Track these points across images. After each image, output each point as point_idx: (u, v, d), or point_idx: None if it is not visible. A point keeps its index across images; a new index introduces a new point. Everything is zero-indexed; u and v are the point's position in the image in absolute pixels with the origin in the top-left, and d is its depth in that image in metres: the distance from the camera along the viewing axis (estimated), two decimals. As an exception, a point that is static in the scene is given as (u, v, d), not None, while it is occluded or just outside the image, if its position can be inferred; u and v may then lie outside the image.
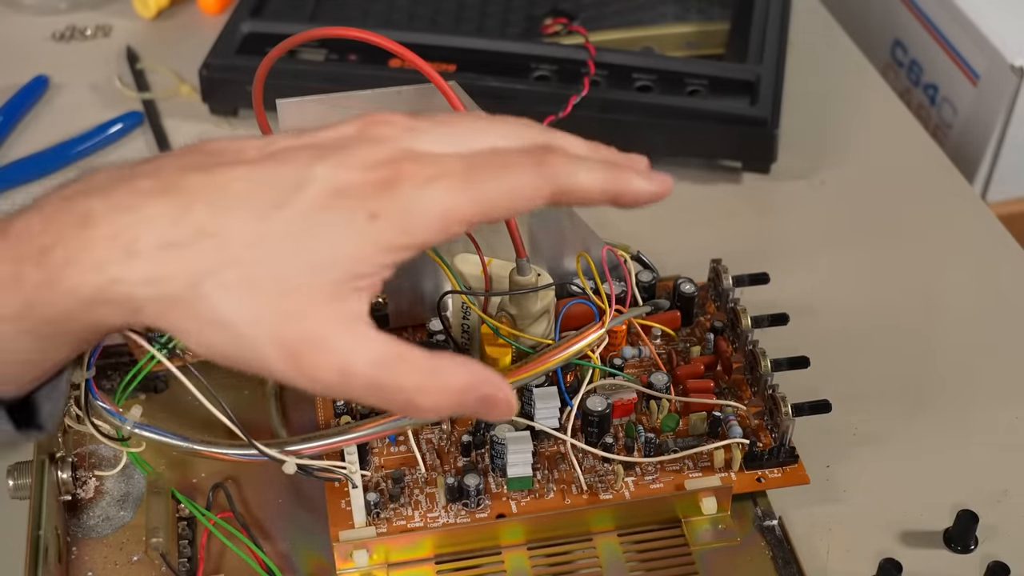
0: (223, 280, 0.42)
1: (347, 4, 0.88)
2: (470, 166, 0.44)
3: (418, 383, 0.44)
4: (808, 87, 0.87)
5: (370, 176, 0.43)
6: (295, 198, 0.43)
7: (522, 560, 0.56)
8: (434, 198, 0.43)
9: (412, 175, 0.44)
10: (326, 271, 0.43)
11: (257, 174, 0.44)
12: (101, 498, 0.58)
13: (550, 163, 0.45)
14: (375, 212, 0.43)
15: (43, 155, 0.81)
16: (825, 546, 0.58)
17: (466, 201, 0.44)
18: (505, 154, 0.46)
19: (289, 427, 0.62)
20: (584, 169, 0.46)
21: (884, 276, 0.73)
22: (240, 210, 0.43)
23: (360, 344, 0.44)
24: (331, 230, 0.43)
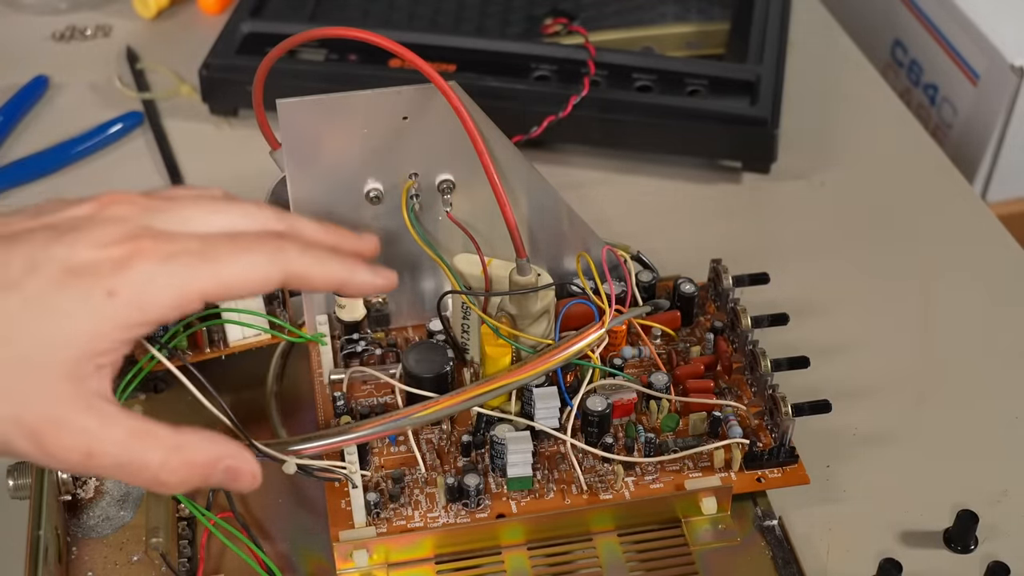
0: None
1: (347, 4, 0.88)
2: (206, 245, 0.45)
3: (162, 459, 0.45)
4: (808, 87, 0.87)
5: (106, 254, 0.44)
6: (30, 278, 0.43)
7: (522, 560, 0.56)
8: (170, 275, 0.44)
9: (149, 253, 0.44)
10: (64, 349, 0.43)
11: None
12: (101, 498, 0.58)
13: (284, 249, 0.47)
14: (112, 290, 0.43)
15: (43, 155, 0.81)
16: (825, 546, 0.58)
17: (201, 279, 0.45)
18: (241, 237, 0.46)
19: (289, 427, 0.62)
20: (314, 260, 0.47)
21: (884, 276, 0.73)
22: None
23: (103, 424, 0.44)
24: (68, 308, 0.43)
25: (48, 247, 0.44)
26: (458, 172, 0.60)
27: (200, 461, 0.46)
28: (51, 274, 0.43)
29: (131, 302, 0.44)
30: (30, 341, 0.43)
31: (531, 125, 0.77)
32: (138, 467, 0.45)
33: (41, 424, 0.43)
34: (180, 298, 0.44)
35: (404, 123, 0.58)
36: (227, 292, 0.45)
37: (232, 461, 0.47)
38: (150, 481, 0.45)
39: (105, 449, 0.44)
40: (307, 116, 0.56)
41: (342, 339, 0.63)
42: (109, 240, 0.44)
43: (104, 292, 0.43)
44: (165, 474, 0.45)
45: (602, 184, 0.80)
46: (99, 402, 0.44)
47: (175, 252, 0.44)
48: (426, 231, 0.61)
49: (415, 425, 0.58)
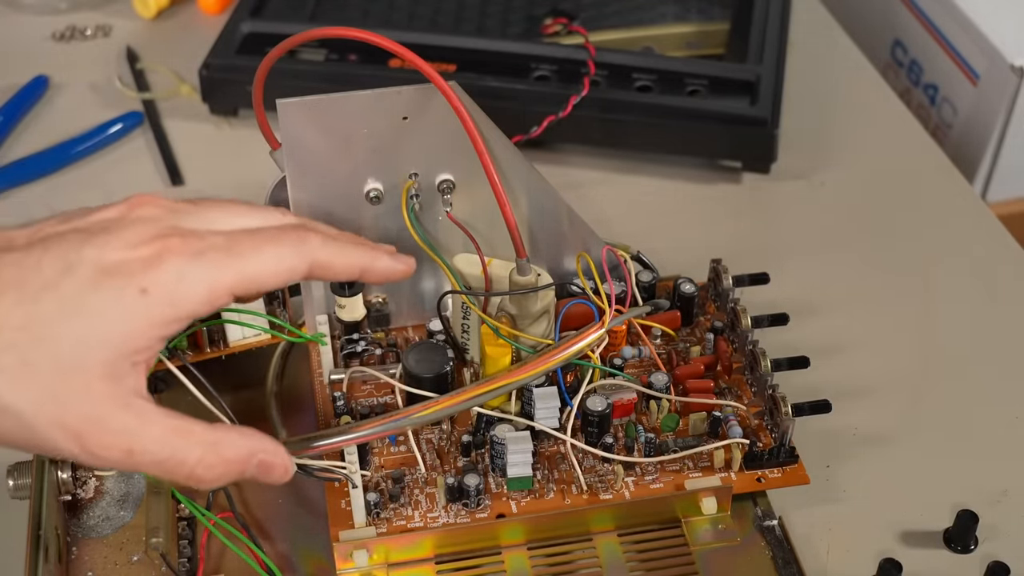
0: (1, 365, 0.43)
1: (347, 4, 0.88)
2: (232, 241, 0.47)
3: (200, 456, 0.46)
4: (808, 87, 0.87)
5: (137, 254, 0.45)
6: (64, 279, 0.44)
7: (522, 560, 0.56)
8: (200, 271, 0.46)
9: (178, 250, 0.45)
10: (101, 348, 0.44)
11: (26, 260, 0.45)
12: (101, 498, 0.58)
13: (306, 240, 0.49)
14: (144, 288, 0.45)
15: (43, 155, 0.81)
16: (825, 546, 0.58)
17: (230, 274, 0.46)
18: (264, 231, 0.48)
19: (289, 427, 0.62)
20: (337, 248, 0.50)
21: (884, 276, 0.73)
22: (9, 296, 0.44)
23: (142, 422, 0.45)
24: (103, 308, 0.44)
25: (80, 249, 0.45)
26: (458, 172, 0.60)
27: (236, 457, 0.47)
28: (85, 275, 0.44)
29: (163, 299, 0.45)
30: (68, 342, 0.44)
31: (531, 125, 0.77)
32: (177, 463, 0.46)
33: (83, 424, 0.44)
34: (210, 293, 0.46)
35: (404, 123, 0.58)
36: (255, 285, 0.47)
37: (265, 456, 0.48)
38: (187, 477, 0.46)
39: (145, 447, 0.45)
40: (307, 116, 0.56)
41: (342, 339, 0.63)
42: (139, 240, 0.45)
43: (137, 290, 0.44)
44: (202, 469, 0.46)
45: (602, 184, 0.80)
46: (137, 400, 0.45)
47: (203, 249, 0.46)
48: (426, 231, 0.61)
49: (415, 425, 0.58)
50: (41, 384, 0.44)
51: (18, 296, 0.44)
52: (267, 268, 0.47)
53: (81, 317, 0.44)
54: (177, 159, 0.81)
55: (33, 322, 0.43)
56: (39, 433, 0.44)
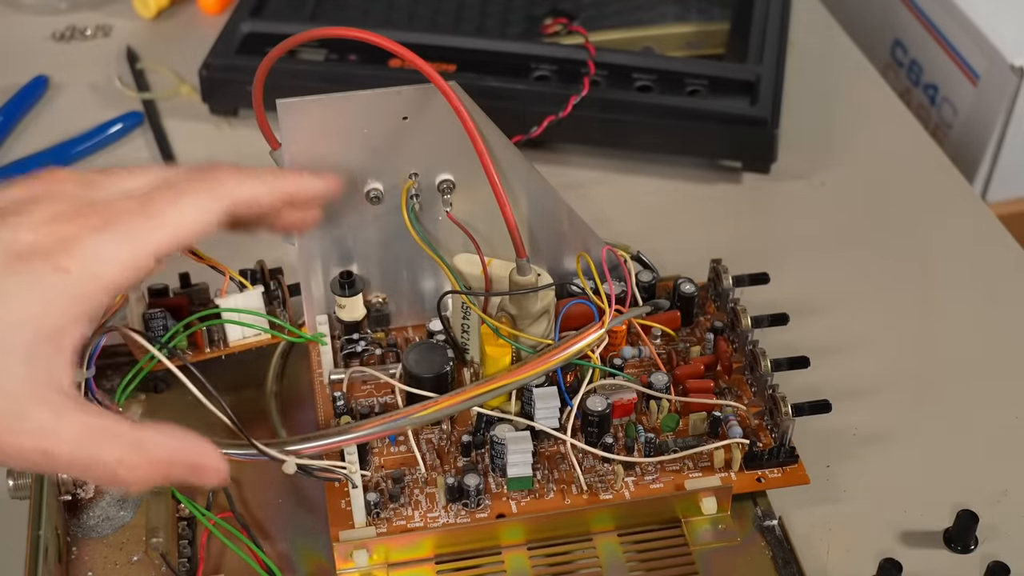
0: None
1: (347, 4, 0.88)
2: (144, 202, 0.45)
3: (119, 456, 0.44)
4: (808, 87, 0.87)
5: (51, 231, 0.44)
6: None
7: (522, 560, 0.56)
8: (118, 240, 0.44)
9: (92, 224, 0.44)
10: (18, 333, 0.42)
11: None
12: (101, 498, 0.58)
13: (221, 181, 0.47)
14: (61, 266, 0.43)
15: (43, 155, 0.81)
16: (825, 546, 0.58)
17: (149, 236, 0.45)
18: (175, 184, 0.47)
19: (289, 427, 0.62)
20: (256, 180, 0.48)
21: (884, 276, 0.73)
22: None
23: (58, 420, 0.43)
24: (18, 292, 0.43)
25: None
26: (458, 172, 0.60)
27: (160, 458, 0.45)
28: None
29: (83, 274, 0.43)
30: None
31: (531, 125, 0.77)
32: (94, 465, 0.44)
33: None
34: (132, 259, 0.44)
35: (404, 123, 0.58)
36: (177, 241, 0.46)
37: (196, 457, 0.46)
38: (108, 478, 0.44)
39: (62, 449, 0.43)
40: (307, 116, 0.56)
41: (342, 339, 0.63)
42: (51, 217, 0.44)
43: (52, 269, 0.43)
44: (123, 471, 0.44)
45: (602, 184, 0.80)
46: (55, 396, 0.43)
47: (116, 217, 0.44)
48: (426, 231, 0.61)
49: (415, 425, 0.58)
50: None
51: None
52: (186, 221, 0.46)
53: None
54: (177, 159, 0.81)
55: None
56: None
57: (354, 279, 0.62)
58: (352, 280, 0.61)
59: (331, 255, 0.62)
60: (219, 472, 0.47)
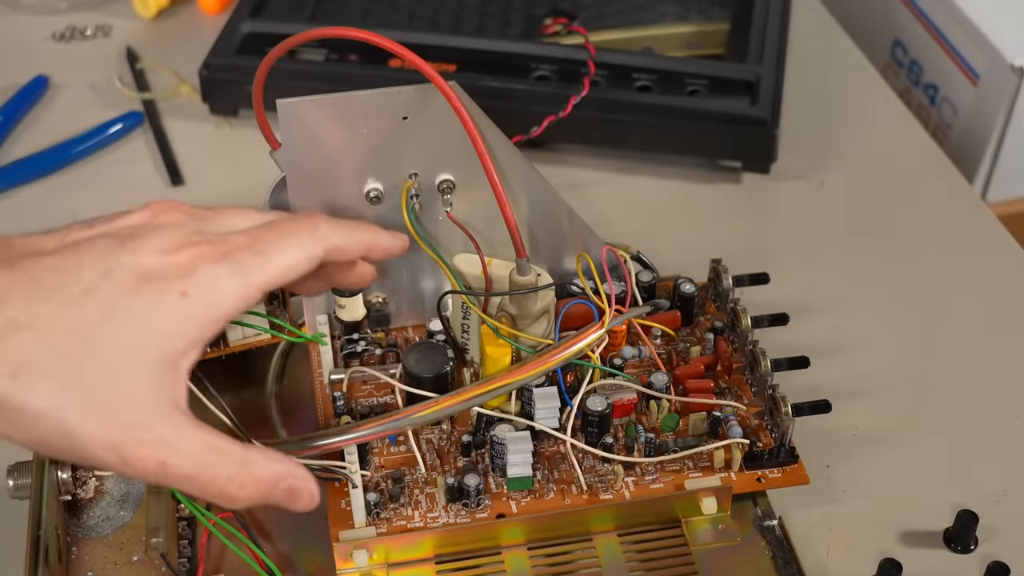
0: (43, 370, 0.43)
1: (347, 4, 0.88)
2: (254, 239, 0.48)
3: (231, 475, 0.47)
4: (808, 87, 0.87)
5: (172, 259, 0.46)
6: (105, 285, 0.44)
7: (522, 560, 0.56)
8: (233, 272, 0.47)
9: (209, 254, 0.47)
10: (144, 354, 0.45)
11: (63, 264, 0.45)
12: (101, 498, 0.58)
13: (317, 226, 0.51)
14: (184, 291, 0.45)
15: (43, 155, 0.81)
16: (825, 546, 0.58)
17: (258, 271, 0.48)
18: (279, 223, 0.50)
19: (289, 427, 0.62)
20: (345, 230, 0.52)
21: (884, 276, 0.73)
22: (52, 300, 0.44)
23: (179, 435, 0.45)
24: (145, 313, 0.45)
25: (115, 254, 0.45)
26: (458, 172, 0.60)
27: (266, 479, 0.48)
28: (124, 280, 0.45)
29: (203, 301, 0.46)
30: (114, 348, 0.44)
31: (531, 125, 0.77)
32: (208, 480, 0.46)
33: (122, 434, 0.44)
34: (244, 291, 0.47)
35: (404, 123, 0.58)
36: (282, 278, 0.49)
37: (294, 481, 0.49)
38: (217, 494, 0.47)
39: (179, 461, 0.45)
40: (307, 116, 0.56)
41: (342, 339, 0.63)
42: (171, 245, 0.46)
43: (177, 294, 0.45)
44: (232, 488, 0.47)
45: (602, 184, 0.80)
46: (175, 412, 0.45)
47: (231, 250, 0.47)
48: (426, 231, 0.61)
49: (415, 425, 0.58)
50: (87, 391, 0.43)
51: (60, 303, 0.44)
52: (290, 260, 0.49)
53: (124, 323, 0.44)
54: (177, 159, 0.81)
55: (78, 327, 0.43)
56: (80, 441, 0.44)
57: (354, 279, 0.62)
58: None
59: (331, 255, 0.62)
60: (312, 498, 0.50)
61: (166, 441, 0.45)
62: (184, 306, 0.45)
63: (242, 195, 0.66)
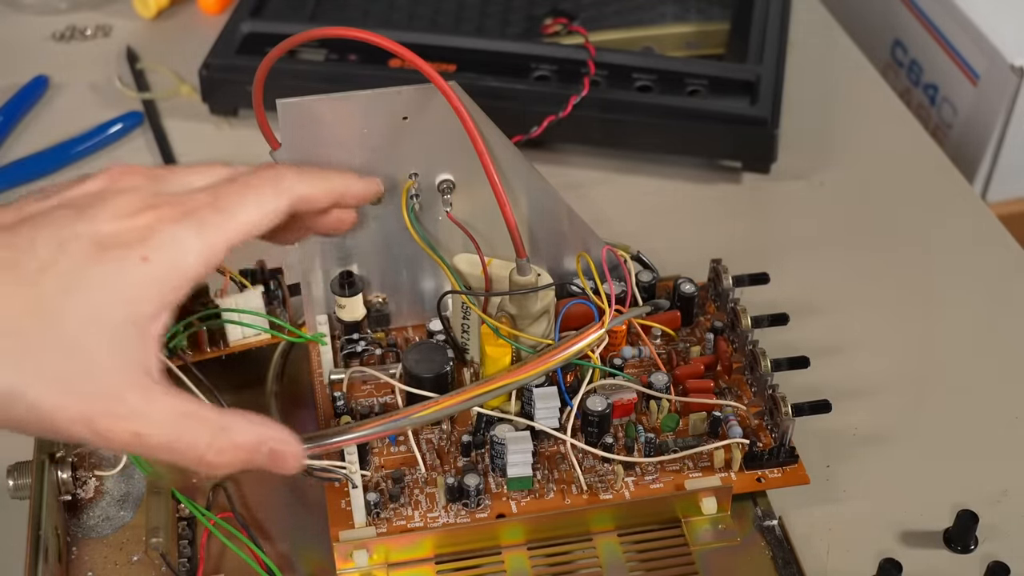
0: (4, 350, 0.42)
1: (347, 4, 0.88)
2: (215, 196, 0.47)
3: (209, 440, 0.46)
4: (808, 87, 0.87)
5: (131, 223, 0.45)
6: (61, 257, 0.44)
7: (522, 560, 0.56)
8: (195, 232, 0.46)
9: (170, 216, 0.46)
10: (107, 323, 0.44)
11: (17, 240, 0.44)
12: (101, 498, 0.58)
13: (282, 177, 0.50)
14: (145, 255, 0.45)
15: (43, 155, 0.81)
16: (825, 546, 0.58)
17: (222, 228, 0.47)
18: (242, 178, 0.49)
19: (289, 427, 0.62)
20: (313, 178, 0.51)
21: (884, 276, 0.73)
22: (6, 279, 0.43)
23: (149, 403, 0.45)
24: (105, 281, 0.44)
25: (72, 224, 0.45)
26: (458, 172, 0.60)
27: (246, 442, 0.47)
28: (81, 250, 0.44)
29: (165, 264, 0.45)
30: (73, 321, 0.43)
31: (531, 125, 0.77)
32: (186, 446, 0.45)
33: (91, 405, 0.44)
34: (208, 249, 0.46)
35: (404, 123, 0.58)
36: (247, 233, 0.48)
37: (276, 444, 0.48)
38: (196, 461, 0.46)
39: (153, 430, 0.45)
40: (307, 116, 0.56)
41: (342, 339, 0.63)
42: (129, 210, 0.45)
43: (138, 258, 0.44)
44: (212, 455, 0.46)
45: (602, 184, 0.80)
46: (145, 380, 0.45)
47: (191, 209, 0.46)
48: (426, 231, 0.61)
49: (415, 425, 0.58)
50: (49, 368, 0.43)
51: (15, 279, 0.43)
52: (254, 214, 0.48)
53: (84, 293, 0.43)
54: (177, 159, 0.81)
55: (36, 304, 0.43)
56: (50, 418, 0.43)
57: (354, 279, 0.62)
58: (352, 280, 0.61)
59: (331, 255, 0.62)
60: (297, 459, 0.49)
61: (137, 410, 0.44)
62: (146, 270, 0.44)
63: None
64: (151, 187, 0.47)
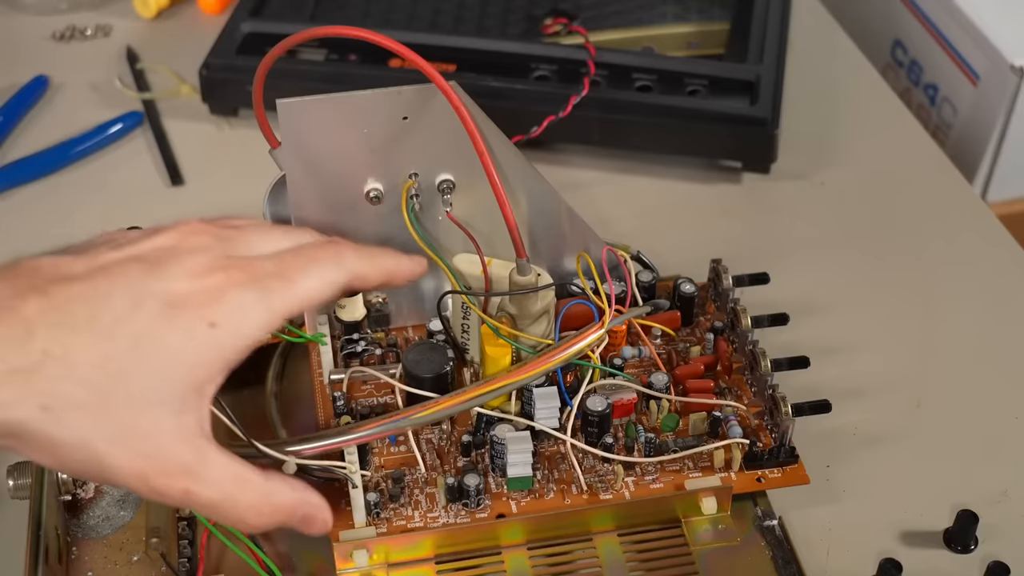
0: (74, 402, 0.43)
1: (347, 4, 0.88)
2: (281, 266, 0.49)
3: (251, 504, 0.48)
4: (808, 87, 0.86)
5: (201, 285, 0.46)
6: (135, 314, 0.45)
7: (522, 560, 0.56)
8: (260, 300, 0.47)
9: (238, 281, 0.47)
10: (172, 384, 0.45)
11: (93, 293, 0.45)
12: (101, 498, 0.58)
13: (343, 254, 0.51)
14: (213, 321, 0.46)
15: (43, 155, 0.81)
16: (825, 546, 0.58)
17: (285, 298, 0.48)
18: (305, 249, 0.50)
19: (289, 427, 0.62)
20: (368, 257, 0.53)
21: (884, 276, 0.73)
22: (83, 331, 0.44)
23: (203, 464, 0.46)
24: (175, 343, 0.45)
25: (145, 281, 0.46)
26: (458, 172, 0.60)
27: (284, 508, 0.49)
28: (154, 309, 0.45)
29: (230, 331, 0.46)
30: (142, 378, 0.44)
31: (531, 125, 0.77)
32: (230, 508, 0.47)
33: (149, 462, 0.45)
34: (270, 319, 0.47)
35: (404, 123, 0.58)
36: (306, 305, 0.49)
37: (310, 509, 0.50)
38: (236, 521, 0.48)
39: (202, 489, 0.46)
40: (307, 116, 0.56)
41: (342, 339, 0.63)
42: (200, 271, 0.47)
43: (206, 324, 0.46)
44: (252, 516, 0.48)
45: (602, 184, 0.80)
46: (200, 441, 0.46)
47: (259, 277, 0.47)
48: (426, 231, 0.61)
49: (415, 425, 0.58)
50: (116, 421, 0.44)
51: (91, 333, 0.44)
52: (315, 287, 0.49)
53: (154, 353, 0.45)
54: (177, 159, 0.81)
55: (109, 358, 0.44)
56: (109, 468, 0.45)
57: (354, 279, 0.62)
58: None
59: (331, 255, 0.62)
60: (326, 525, 0.51)
61: (191, 470, 0.46)
62: (212, 336, 0.46)
63: (242, 195, 0.66)
64: (221, 248, 0.48)
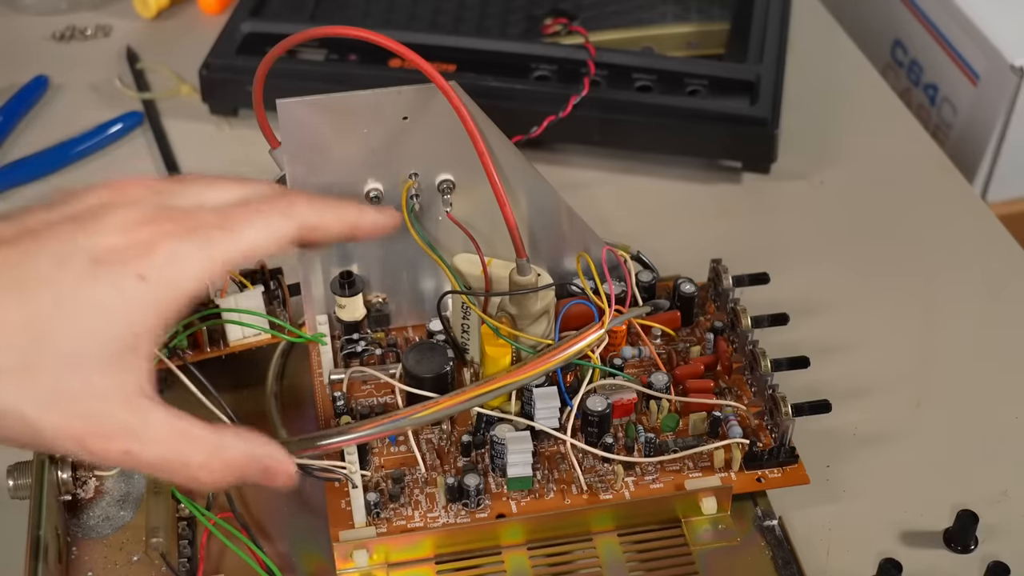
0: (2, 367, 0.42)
1: (347, 4, 0.88)
2: (222, 216, 0.47)
3: (201, 460, 0.46)
4: (808, 87, 0.87)
5: (130, 238, 0.44)
6: (60, 273, 0.43)
7: (522, 560, 0.56)
8: (195, 250, 0.45)
9: (170, 232, 0.45)
10: (103, 342, 0.44)
11: (20, 255, 0.44)
12: (101, 498, 0.58)
13: (294, 204, 0.49)
14: (141, 273, 0.44)
15: (43, 155, 0.81)
16: (825, 546, 0.58)
17: (223, 248, 0.46)
18: (252, 201, 0.48)
19: (289, 427, 0.62)
20: (324, 207, 0.50)
21: (884, 276, 0.73)
22: (7, 294, 0.43)
23: (143, 423, 0.45)
24: (102, 299, 0.43)
25: (73, 238, 0.44)
26: (458, 172, 0.60)
27: (237, 461, 0.47)
28: (79, 266, 0.43)
29: (162, 282, 0.44)
30: (69, 339, 0.43)
31: (531, 125, 0.77)
32: (178, 465, 0.46)
33: (84, 424, 0.44)
34: (207, 270, 0.45)
35: (404, 123, 0.58)
36: (248, 256, 0.47)
37: (268, 461, 0.48)
38: (187, 479, 0.46)
39: (144, 449, 0.45)
40: (307, 116, 0.56)
41: (342, 339, 0.63)
42: (130, 224, 0.45)
43: (134, 276, 0.44)
44: (204, 474, 0.46)
45: (602, 184, 0.80)
46: (139, 399, 0.45)
47: (194, 227, 0.45)
48: (426, 231, 0.61)
49: (415, 425, 0.58)
50: (44, 384, 0.43)
51: (16, 295, 0.43)
52: (259, 239, 0.47)
53: (80, 311, 0.43)
54: (177, 159, 0.81)
55: (32, 320, 0.43)
56: (41, 434, 0.43)
57: (354, 279, 0.62)
58: (352, 280, 0.61)
59: (331, 255, 0.62)
60: (289, 476, 0.49)
61: (130, 430, 0.44)
62: (142, 289, 0.44)
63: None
64: (155, 200, 0.46)
